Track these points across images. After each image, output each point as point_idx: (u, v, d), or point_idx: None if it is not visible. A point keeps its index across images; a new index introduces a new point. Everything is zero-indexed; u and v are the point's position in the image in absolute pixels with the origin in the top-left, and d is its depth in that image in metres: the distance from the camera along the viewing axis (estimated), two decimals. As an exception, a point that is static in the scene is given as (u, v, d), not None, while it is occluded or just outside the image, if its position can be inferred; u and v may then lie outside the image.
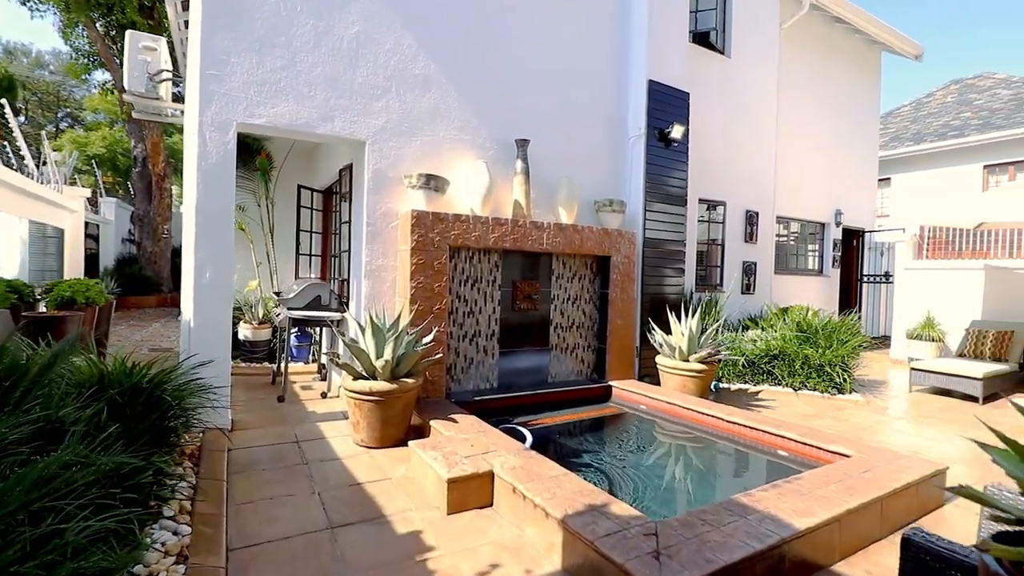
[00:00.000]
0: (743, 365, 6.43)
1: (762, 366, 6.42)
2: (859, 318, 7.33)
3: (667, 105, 6.27)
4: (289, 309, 5.00)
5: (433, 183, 4.61)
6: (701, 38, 7.35)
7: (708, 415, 4.55)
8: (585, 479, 3.37)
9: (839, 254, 9.96)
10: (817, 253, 9.96)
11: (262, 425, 4.31)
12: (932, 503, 3.29)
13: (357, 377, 3.86)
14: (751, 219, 8.01)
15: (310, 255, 6.99)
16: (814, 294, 9.60)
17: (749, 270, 8.03)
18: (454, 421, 3.90)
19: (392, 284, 4.73)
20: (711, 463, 4.14)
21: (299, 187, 6.65)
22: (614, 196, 6.12)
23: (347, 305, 5.30)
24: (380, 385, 3.74)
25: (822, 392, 6.17)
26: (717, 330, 6.27)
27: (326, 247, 7.04)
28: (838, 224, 9.91)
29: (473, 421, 3.93)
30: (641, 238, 6.10)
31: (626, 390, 5.44)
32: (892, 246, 9.86)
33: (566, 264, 5.59)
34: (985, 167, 14.19)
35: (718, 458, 4.23)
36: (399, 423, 3.88)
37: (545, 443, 4.32)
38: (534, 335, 5.41)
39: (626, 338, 5.85)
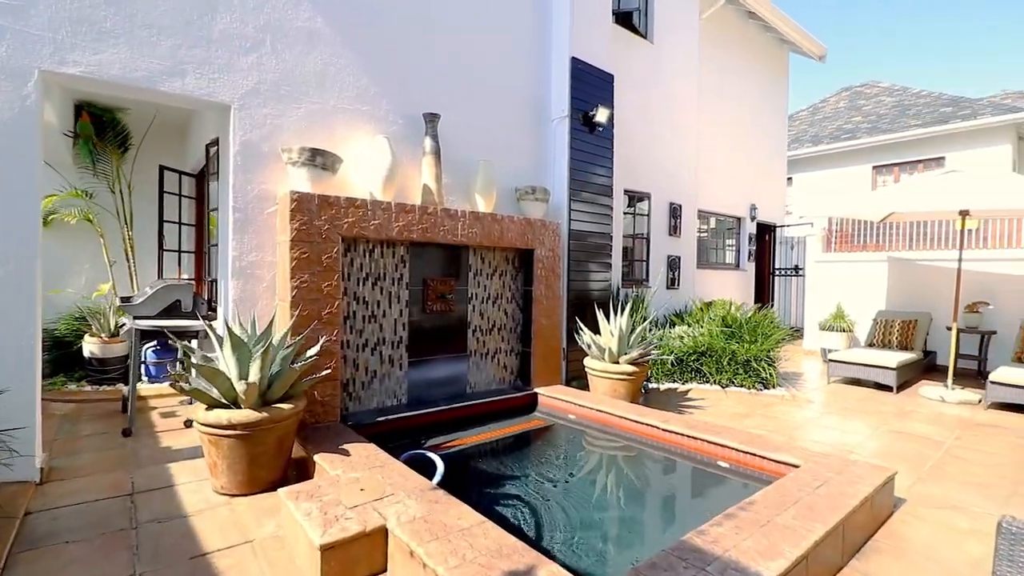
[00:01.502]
0: (671, 364, 6.13)
1: (690, 364, 6.16)
2: (774, 310, 7.32)
3: (591, 87, 5.81)
4: (135, 318, 3.96)
5: (320, 160, 3.78)
6: (624, 19, 7.00)
7: (643, 423, 4.10)
8: (508, 521, 2.76)
9: (754, 248, 10.15)
10: (734, 247, 10.08)
11: (91, 472, 3.29)
12: (884, 513, 3.00)
13: (213, 405, 2.98)
14: (675, 212, 7.81)
15: (179, 251, 5.83)
16: (732, 288, 9.68)
17: (674, 264, 7.84)
18: (345, 454, 3.13)
19: (271, 284, 3.85)
20: (651, 483, 3.67)
21: (161, 168, 5.49)
22: (537, 183, 5.57)
23: (217, 311, 4.32)
24: (243, 415, 2.90)
25: (749, 388, 6.00)
26: (646, 328, 5.93)
27: (201, 242, 5.92)
28: (753, 219, 10.08)
29: (370, 452, 3.18)
30: (566, 230, 5.60)
31: (553, 398, 4.90)
32: (802, 240, 10.18)
33: (485, 258, 4.95)
34: (874, 168, 15.30)
35: (658, 476, 3.78)
36: (273, 461, 3.06)
37: (462, 471, 3.66)
38: (449, 340, 4.73)
39: (552, 339, 5.32)
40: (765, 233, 10.97)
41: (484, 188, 4.86)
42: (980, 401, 5.60)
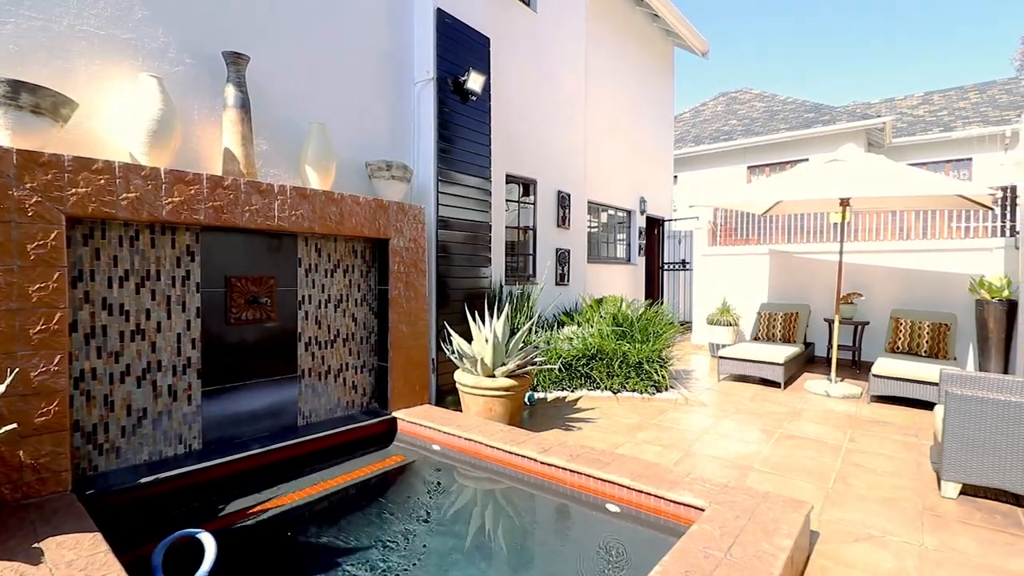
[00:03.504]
0: (559, 369, 5.44)
1: (580, 369, 5.50)
2: (664, 306, 6.95)
3: (463, 48, 4.91)
4: None
5: (29, 98, 2.48)
6: (502, -21, 6.19)
7: (519, 455, 3.27)
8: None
9: (644, 242, 9.92)
10: (625, 241, 9.77)
11: None
12: (802, 558, 2.42)
13: None
14: (563, 202, 7.18)
15: None
16: (624, 283, 9.35)
17: (563, 258, 7.20)
18: (34, 559, 1.93)
19: (-55, 288, 2.47)
20: (528, 548, 2.83)
21: None
22: (395, 158, 4.56)
23: None
24: None
25: (641, 393, 5.47)
26: (530, 330, 5.17)
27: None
28: (643, 212, 9.84)
29: (83, 548, 2.00)
30: (434, 217, 4.65)
31: (416, 424, 3.94)
32: (689, 234, 10.13)
33: (322, 250, 3.85)
34: (748, 168, 16.12)
35: (537, 534, 2.95)
36: None
37: (273, 551, 2.58)
38: (271, 358, 3.57)
39: (416, 350, 4.35)
40: (654, 227, 10.85)
41: (319, 159, 3.76)
42: (862, 394, 5.53)
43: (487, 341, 4.13)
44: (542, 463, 3.15)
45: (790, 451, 3.96)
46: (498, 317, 4.32)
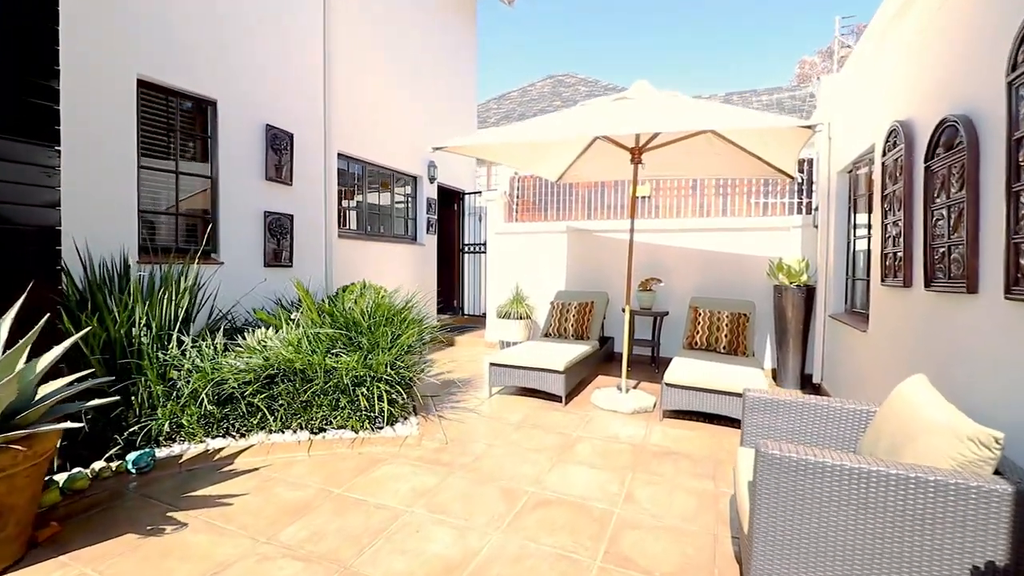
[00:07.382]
0: (214, 402, 3.28)
1: (252, 401, 3.40)
2: (418, 294, 5.16)
3: None
4: None
5: None
6: None
7: None
8: None
9: (435, 217, 8.10)
10: (410, 215, 7.83)
11: None
12: None
13: None
14: (278, 143, 4.92)
15: None
16: (406, 266, 7.43)
17: (279, 227, 4.96)
18: None
19: None
20: None
21: None
22: None
23: None
24: None
25: (358, 430, 3.57)
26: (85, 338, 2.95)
27: None
28: (432, 179, 7.98)
29: None
30: None
31: None
32: (486, 208, 8.58)
33: None
34: (570, 149, 15.39)
35: None
36: None
37: None
38: None
39: None
40: (454, 201, 9.12)
41: None
42: (655, 406, 4.31)
43: None
44: None
45: (529, 539, 2.34)
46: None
